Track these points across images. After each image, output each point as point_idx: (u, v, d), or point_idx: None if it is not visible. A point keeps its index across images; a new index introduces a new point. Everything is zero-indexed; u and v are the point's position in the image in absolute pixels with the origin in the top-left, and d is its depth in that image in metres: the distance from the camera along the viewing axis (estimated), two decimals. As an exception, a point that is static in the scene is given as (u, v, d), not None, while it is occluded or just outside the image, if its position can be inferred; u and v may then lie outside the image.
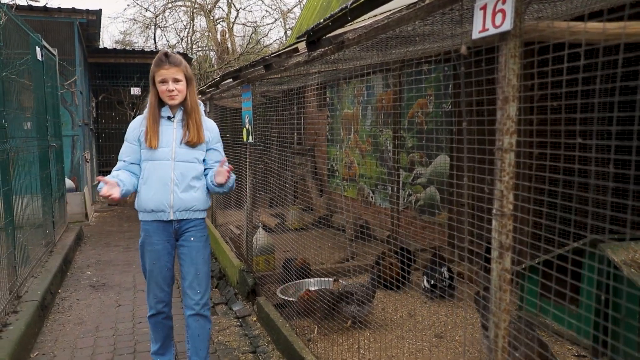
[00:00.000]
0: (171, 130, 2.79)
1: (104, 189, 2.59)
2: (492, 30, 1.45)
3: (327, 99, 8.06)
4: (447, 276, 4.19)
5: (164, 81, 2.70)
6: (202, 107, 2.93)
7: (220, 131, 3.06)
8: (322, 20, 2.24)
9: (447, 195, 5.19)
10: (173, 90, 2.71)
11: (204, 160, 2.87)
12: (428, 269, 4.28)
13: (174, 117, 2.81)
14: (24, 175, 5.73)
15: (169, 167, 2.75)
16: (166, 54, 2.71)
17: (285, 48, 3.10)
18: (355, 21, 2.19)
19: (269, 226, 6.27)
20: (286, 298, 3.93)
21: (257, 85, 4.27)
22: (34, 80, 5.71)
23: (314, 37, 2.48)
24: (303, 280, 4.28)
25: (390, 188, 6.13)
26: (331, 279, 4.30)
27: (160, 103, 2.79)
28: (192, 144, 2.77)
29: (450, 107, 5.16)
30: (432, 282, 4.19)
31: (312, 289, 4.14)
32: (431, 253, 4.56)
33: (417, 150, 5.78)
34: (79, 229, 7.32)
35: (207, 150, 2.88)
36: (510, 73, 1.44)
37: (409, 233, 5.65)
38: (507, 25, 1.40)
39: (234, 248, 5.45)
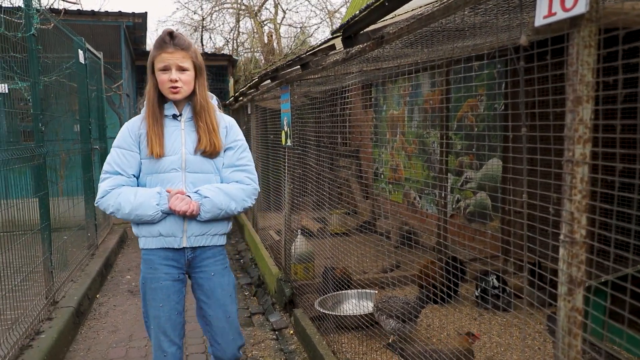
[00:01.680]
0: (178, 132, 2.19)
1: (181, 204, 2.07)
2: (560, 15, 1.17)
3: (372, 99, 7.80)
4: (497, 285, 3.88)
5: (165, 69, 2.10)
6: (215, 102, 2.34)
7: (260, 134, 2.68)
8: (357, 12, 2.00)
9: (500, 201, 4.83)
10: (177, 82, 2.10)
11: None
12: (478, 278, 4.00)
13: (180, 115, 2.22)
14: (66, 178, 5.76)
15: (179, 180, 2.17)
16: (171, 34, 2.12)
17: (320, 45, 2.88)
18: (395, 12, 1.94)
19: (310, 231, 6.08)
20: (324, 311, 3.71)
21: (295, 86, 4.06)
22: (78, 83, 5.73)
23: (350, 31, 2.25)
24: (342, 291, 4.04)
25: (437, 192, 5.82)
26: (374, 291, 4.05)
27: (162, 98, 2.20)
28: (208, 154, 2.20)
29: (502, 107, 4.81)
30: (480, 291, 3.90)
31: (352, 303, 3.91)
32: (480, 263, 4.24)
33: (466, 153, 5.44)
34: (122, 231, 7.34)
35: (225, 150, 2.28)
36: (583, 67, 1.16)
37: (458, 241, 5.32)
38: (580, 8, 1.12)
39: (273, 254, 5.28)
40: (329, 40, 2.73)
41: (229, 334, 2.30)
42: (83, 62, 5.67)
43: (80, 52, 5.57)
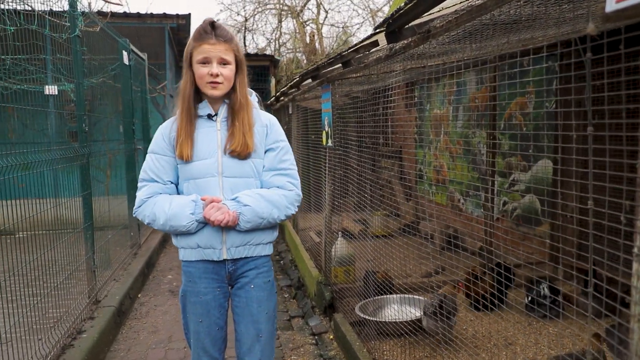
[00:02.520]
0: (214, 134, 2.01)
1: (216, 214, 1.90)
2: (637, -2, 1.03)
3: (416, 98, 7.62)
4: (548, 294, 3.67)
5: (205, 61, 1.92)
6: (254, 99, 2.14)
7: (301, 134, 2.45)
8: (403, 4, 1.88)
9: (550, 205, 4.60)
10: (218, 76, 1.92)
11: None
12: (528, 285, 3.82)
13: (216, 114, 2.03)
14: (111, 178, 5.85)
15: (216, 186, 1.99)
16: (212, 24, 1.93)
17: (363, 41, 2.77)
18: (442, 4, 1.81)
19: (351, 232, 5.97)
20: (365, 317, 3.60)
21: (336, 85, 3.96)
22: (122, 84, 5.81)
23: (395, 25, 2.13)
24: (384, 296, 3.92)
25: (483, 195, 5.61)
26: (417, 297, 3.91)
27: (197, 95, 2.01)
28: (237, 154, 1.99)
29: (554, 105, 4.57)
30: (530, 298, 3.70)
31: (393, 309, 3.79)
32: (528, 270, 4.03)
33: (514, 153, 5.22)
34: (165, 230, 7.41)
35: (266, 151, 2.09)
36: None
37: (505, 245, 5.11)
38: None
39: (313, 256, 5.20)
40: (371, 36, 2.62)
41: (256, 355, 2.06)
42: (127, 64, 5.75)
43: (125, 54, 5.64)
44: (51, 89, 3.96)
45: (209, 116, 2.02)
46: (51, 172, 3.49)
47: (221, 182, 2.00)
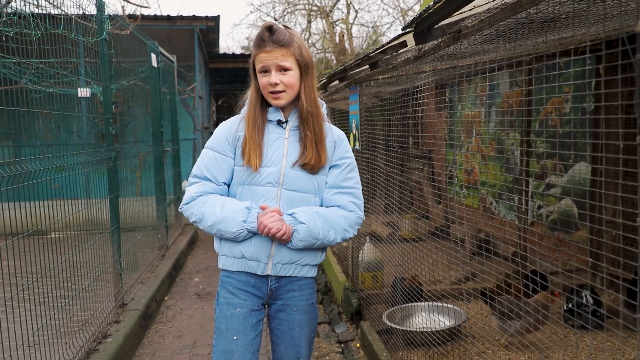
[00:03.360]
0: (281, 142, 1.90)
1: (273, 222, 1.79)
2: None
3: (446, 99, 7.45)
4: (591, 301, 3.50)
5: (264, 70, 1.82)
6: (324, 109, 1.99)
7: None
8: (432, 3, 1.78)
9: (589, 209, 4.40)
10: (277, 85, 1.81)
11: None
12: (567, 292, 3.65)
13: (286, 121, 1.92)
14: (128, 184, 5.88)
15: (273, 196, 1.88)
16: (270, 28, 1.80)
17: (390, 42, 2.67)
18: (474, 3, 1.71)
19: (379, 235, 5.86)
20: (392, 325, 3.49)
21: (364, 87, 3.87)
22: (150, 86, 5.84)
23: (423, 25, 2.03)
24: (412, 304, 3.80)
25: (516, 198, 5.43)
26: (448, 305, 3.77)
27: (265, 101, 1.92)
28: (310, 167, 1.87)
29: (592, 107, 4.38)
30: (569, 307, 3.53)
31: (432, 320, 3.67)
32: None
33: (549, 156, 5.03)
34: (193, 232, 7.44)
35: (329, 168, 1.95)
36: None
37: (539, 251, 4.92)
38: None
39: (340, 261, 5.11)
40: (399, 36, 2.52)
41: None
42: (155, 66, 5.77)
43: (153, 56, 5.66)
44: (84, 92, 3.99)
45: (279, 122, 1.92)
46: (82, 173, 3.54)
47: (279, 193, 1.88)
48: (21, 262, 2.98)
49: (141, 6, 5.25)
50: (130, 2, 5.06)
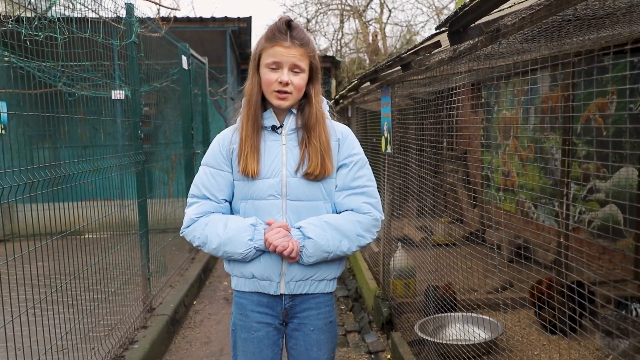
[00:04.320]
0: (279, 149, 1.75)
1: (279, 239, 1.66)
2: None
3: (483, 99, 7.23)
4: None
5: (275, 66, 1.67)
6: (326, 109, 1.85)
7: (361, 138, 2.10)
8: (468, 1, 1.64)
9: (635, 215, 4.16)
10: (287, 85, 1.68)
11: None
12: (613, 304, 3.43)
13: (281, 126, 1.77)
14: (162, 185, 5.89)
15: (278, 210, 1.74)
16: (289, 23, 1.68)
17: (423, 42, 2.54)
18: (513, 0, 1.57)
19: (412, 240, 5.71)
20: (425, 337, 3.35)
21: (396, 88, 3.74)
22: (181, 88, 5.83)
23: (459, 25, 1.89)
24: (446, 314, 3.64)
25: (557, 203, 5.20)
26: (484, 317, 3.60)
27: (262, 103, 1.75)
28: (313, 177, 1.73)
29: (639, 107, 4.13)
30: (615, 318, 3.32)
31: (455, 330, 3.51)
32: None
33: (592, 159, 4.78)
34: (224, 234, 7.42)
35: (337, 169, 1.80)
36: None
37: (580, 258, 4.68)
38: None
39: (371, 267, 4.99)
40: (433, 36, 2.38)
41: None
42: (186, 68, 5.75)
43: (184, 58, 5.65)
44: (118, 94, 3.99)
45: (274, 128, 1.77)
46: (117, 175, 3.60)
47: (284, 205, 1.74)
48: (54, 264, 2.98)
49: (172, 8, 5.25)
50: (161, 5, 5.05)
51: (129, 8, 3.77)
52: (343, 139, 1.82)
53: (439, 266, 4.16)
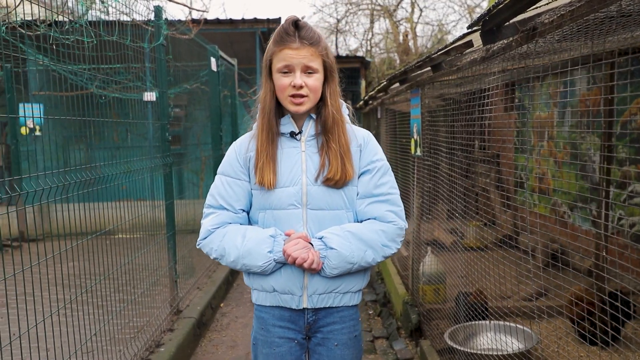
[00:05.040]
0: (298, 156, 1.69)
1: (299, 250, 1.59)
2: None
3: (516, 100, 7.03)
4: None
5: (287, 70, 1.60)
6: (345, 111, 1.78)
7: (390, 139, 2.01)
8: (502, -2, 1.56)
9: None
10: (302, 88, 1.60)
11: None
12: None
13: (300, 132, 1.71)
14: (192, 186, 5.92)
15: (298, 220, 1.67)
16: (296, 23, 1.61)
17: (454, 42, 2.44)
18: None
19: (442, 243, 5.58)
20: (455, 346, 3.25)
21: (426, 89, 3.64)
22: (210, 90, 5.84)
23: (492, 23, 1.80)
24: (477, 322, 3.53)
25: (594, 207, 5.00)
26: (517, 326, 3.47)
27: (279, 108, 1.70)
28: (334, 183, 1.65)
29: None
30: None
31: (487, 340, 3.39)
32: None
33: (633, 162, 4.58)
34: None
35: (359, 176, 1.72)
36: None
37: (620, 263, 4.49)
38: None
39: (400, 271, 4.89)
40: (464, 35, 2.29)
41: None
42: (215, 70, 5.76)
43: (213, 60, 5.65)
44: (149, 96, 4.01)
45: (292, 134, 1.70)
46: (148, 177, 3.68)
47: (305, 215, 1.67)
48: (86, 264, 3.01)
49: (201, 10, 5.26)
50: (191, 8, 5.06)
51: (158, 11, 3.77)
52: (365, 144, 1.73)
53: (470, 271, 4.04)
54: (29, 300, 2.59)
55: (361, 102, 8.71)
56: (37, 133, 6.68)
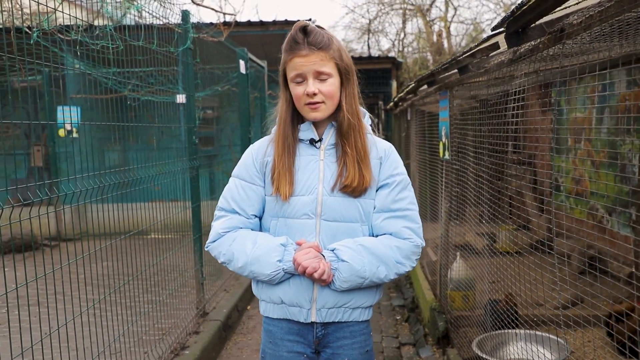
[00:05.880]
0: (316, 164, 1.64)
1: (309, 259, 1.54)
2: None
3: (552, 100, 6.83)
4: None
5: (300, 78, 1.57)
6: (367, 120, 1.73)
7: (419, 141, 1.93)
8: (525, 0, 1.49)
9: None
10: (316, 95, 1.57)
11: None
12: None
13: (320, 140, 1.66)
14: (224, 187, 5.97)
15: (311, 230, 1.62)
16: (304, 29, 1.56)
17: (479, 44, 2.37)
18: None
19: (472, 247, 5.45)
20: (483, 356, 3.16)
21: (454, 92, 3.55)
22: (239, 92, 5.87)
23: (517, 25, 1.73)
24: (507, 331, 3.41)
25: (634, 211, 4.81)
26: (548, 335, 3.35)
27: (297, 117, 1.67)
28: (351, 190, 1.60)
29: None
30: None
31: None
32: None
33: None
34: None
35: (377, 189, 1.67)
36: None
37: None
38: None
39: (428, 276, 4.80)
40: (489, 38, 2.21)
41: None
42: (244, 72, 5.78)
43: (242, 63, 5.68)
44: (181, 98, 4.05)
45: (312, 141, 1.66)
46: (180, 178, 3.78)
47: (318, 225, 1.62)
48: (117, 264, 3.06)
49: (231, 14, 5.29)
50: (221, 12, 5.10)
51: (185, 15, 3.80)
52: (385, 157, 1.68)
53: (500, 277, 3.92)
54: (59, 299, 2.64)
55: (391, 104, 8.62)
56: (74, 135, 6.85)
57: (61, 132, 7.41)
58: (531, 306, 3.99)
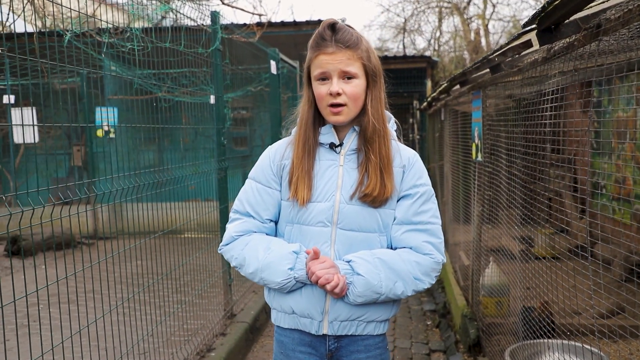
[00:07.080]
0: (335, 170, 1.56)
1: (323, 269, 1.47)
2: None
3: (594, 99, 6.57)
4: None
5: (324, 77, 1.50)
6: (392, 125, 1.64)
7: (452, 142, 1.83)
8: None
9: None
10: (339, 95, 1.49)
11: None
12: None
13: (341, 145, 1.59)
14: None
15: (325, 239, 1.55)
16: (332, 26, 1.49)
17: (510, 42, 2.26)
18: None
19: (509, 251, 5.28)
20: (516, 366, 3.03)
21: (487, 91, 3.43)
22: (270, 93, 5.87)
23: (549, 21, 1.63)
24: (542, 340, 3.27)
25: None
26: (587, 346, 3.19)
27: (318, 119, 1.60)
28: (371, 200, 1.52)
29: None
30: None
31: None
32: None
33: None
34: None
35: (398, 200, 1.59)
36: None
37: None
38: None
39: (460, 281, 4.67)
40: (520, 35, 2.11)
41: None
42: (275, 73, 5.76)
43: (273, 63, 5.66)
44: (214, 99, 4.06)
45: (332, 146, 1.58)
46: (215, 179, 3.86)
47: (334, 234, 1.54)
48: (149, 263, 3.09)
49: (259, 14, 5.30)
50: (247, 12, 5.10)
51: (214, 16, 3.80)
52: (409, 165, 1.59)
53: (536, 283, 3.76)
54: (90, 297, 2.67)
55: (425, 104, 8.48)
56: (112, 135, 7.00)
57: (99, 133, 7.58)
58: (568, 315, 3.83)
